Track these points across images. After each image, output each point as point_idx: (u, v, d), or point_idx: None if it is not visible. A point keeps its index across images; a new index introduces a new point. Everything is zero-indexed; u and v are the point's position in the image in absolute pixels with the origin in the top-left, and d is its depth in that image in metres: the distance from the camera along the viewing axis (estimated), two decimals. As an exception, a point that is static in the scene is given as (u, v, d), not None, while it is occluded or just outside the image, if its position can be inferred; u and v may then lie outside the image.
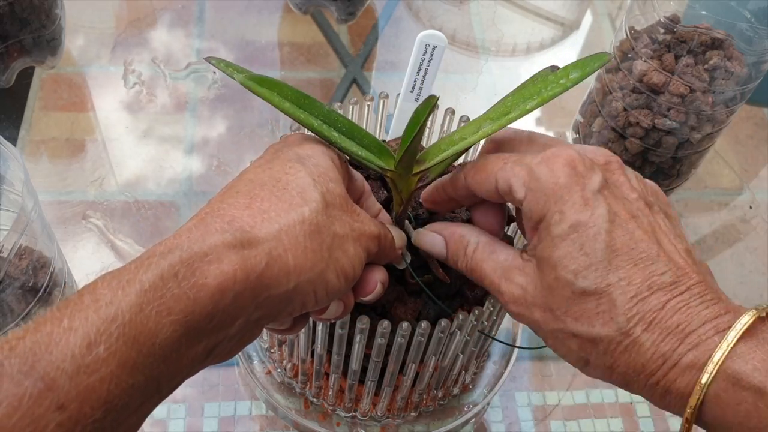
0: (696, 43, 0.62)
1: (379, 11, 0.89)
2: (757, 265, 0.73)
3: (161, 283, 0.27)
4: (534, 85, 0.38)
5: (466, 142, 0.38)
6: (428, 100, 0.34)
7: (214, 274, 0.28)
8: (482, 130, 0.38)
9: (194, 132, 0.76)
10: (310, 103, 0.38)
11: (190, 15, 0.86)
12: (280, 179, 0.33)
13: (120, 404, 0.26)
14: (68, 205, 0.69)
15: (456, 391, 0.56)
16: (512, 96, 0.38)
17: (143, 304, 0.27)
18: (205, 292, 0.28)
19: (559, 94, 0.37)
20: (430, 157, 0.39)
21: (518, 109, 0.37)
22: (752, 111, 0.85)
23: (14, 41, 0.72)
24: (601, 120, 0.68)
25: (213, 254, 0.29)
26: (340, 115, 0.38)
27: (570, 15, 0.93)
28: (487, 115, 0.38)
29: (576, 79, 0.37)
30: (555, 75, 0.37)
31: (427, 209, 0.46)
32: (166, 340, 0.27)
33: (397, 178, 0.39)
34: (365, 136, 0.39)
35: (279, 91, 0.38)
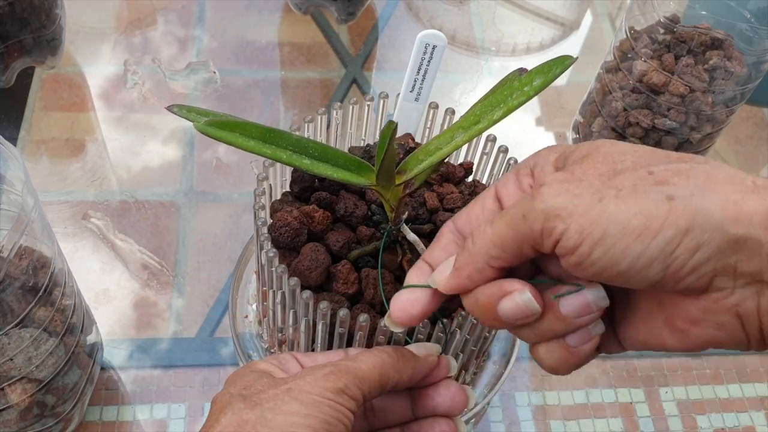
0: (696, 43, 0.62)
1: (379, 11, 0.89)
2: (757, 265, 0.73)
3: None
4: (501, 92, 0.38)
5: (441, 152, 0.39)
6: (388, 125, 0.34)
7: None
8: (455, 140, 0.38)
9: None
10: (277, 135, 0.38)
11: (190, 15, 0.86)
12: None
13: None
14: (68, 205, 0.69)
15: (456, 391, 0.56)
16: (481, 104, 0.39)
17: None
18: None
19: (524, 102, 0.36)
20: (410, 167, 0.39)
21: (486, 119, 0.38)
22: (752, 111, 0.85)
23: (14, 41, 0.72)
24: (601, 120, 0.68)
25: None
26: (311, 140, 0.39)
27: (570, 15, 0.93)
28: (459, 124, 0.39)
29: (539, 86, 0.36)
30: (520, 82, 0.37)
31: (427, 209, 0.46)
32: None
33: (382, 189, 0.39)
34: (340, 157, 0.39)
35: (242, 131, 0.37)
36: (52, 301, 0.49)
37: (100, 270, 0.65)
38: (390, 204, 0.40)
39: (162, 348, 0.61)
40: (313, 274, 0.41)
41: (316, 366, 0.35)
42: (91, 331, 0.56)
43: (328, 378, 0.33)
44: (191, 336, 0.62)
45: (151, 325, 0.62)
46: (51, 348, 0.49)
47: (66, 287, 0.51)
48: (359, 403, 0.34)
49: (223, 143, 0.37)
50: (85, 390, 0.55)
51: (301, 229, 0.43)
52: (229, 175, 0.73)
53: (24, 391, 0.49)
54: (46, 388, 0.50)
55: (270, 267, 0.42)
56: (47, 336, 0.49)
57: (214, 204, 0.71)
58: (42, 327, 0.48)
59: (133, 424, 0.57)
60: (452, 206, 0.46)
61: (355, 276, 0.42)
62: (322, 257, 0.42)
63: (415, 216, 0.46)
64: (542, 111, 0.82)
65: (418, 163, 0.39)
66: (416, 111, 0.51)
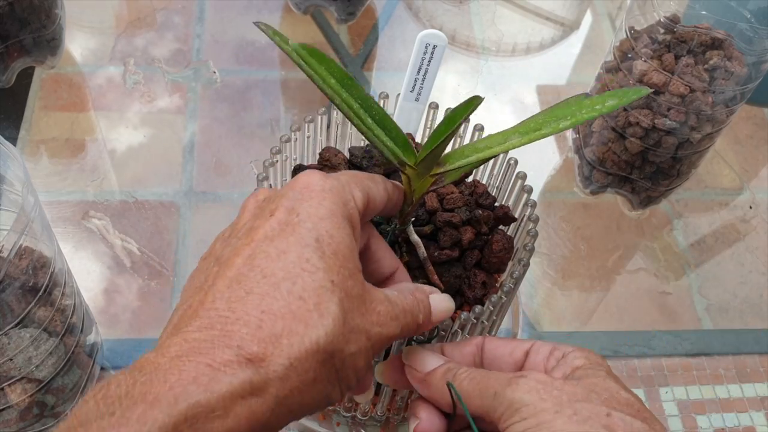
0: (696, 43, 0.62)
1: (379, 11, 0.89)
2: (757, 265, 0.73)
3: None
4: (568, 107, 0.38)
5: (491, 151, 0.38)
6: (472, 100, 0.34)
7: (218, 429, 0.26)
8: (509, 141, 0.38)
9: (194, 132, 0.76)
10: (353, 84, 0.38)
11: (190, 15, 0.86)
12: (296, 280, 0.30)
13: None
14: (68, 205, 0.69)
15: (456, 391, 0.56)
16: (544, 114, 0.38)
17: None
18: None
19: (593, 118, 0.37)
20: (451, 160, 0.39)
21: (550, 126, 0.37)
22: (752, 111, 0.85)
23: (14, 41, 0.72)
24: (601, 120, 0.68)
25: (219, 409, 0.26)
26: (376, 103, 0.39)
27: (570, 15, 0.93)
28: (516, 129, 0.38)
29: (611, 106, 0.37)
30: (591, 100, 0.38)
31: (426, 210, 0.46)
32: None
33: (414, 176, 0.39)
34: (394, 128, 0.39)
35: (327, 66, 0.37)
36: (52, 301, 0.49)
37: (100, 270, 0.65)
38: (414, 196, 0.40)
39: (162, 348, 0.61)
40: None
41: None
42: (91, 331, 0.56)
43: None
44: (191, 336, 0.62)
45: (151, 325, 0.62)
46: (51, 348, 0.49)
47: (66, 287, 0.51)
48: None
49: (305, 72, 0.36)
50: (85, 390, 0.55)
51: (301, 229, 0.43)
52: (229, 175, 0.73)
53: (24, 391, 0.49)
54: (46, 388, 0.50)
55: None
56: (47, 336, 0.49)
57: (214, 204, 0.71)
58: (42, 327, 0.48)
59: (133, 424, 0.57)
60: (452, 206, 0.46)
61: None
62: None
63: (414, 217, 0.46)
64: (542, 111, 0.82)
65: (462, 157, 0.39)
66: (416, 111, 0.51)
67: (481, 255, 0.47)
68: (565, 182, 0.76)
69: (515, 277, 0.45)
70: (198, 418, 0.26)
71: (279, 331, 0.29)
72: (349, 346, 0.31)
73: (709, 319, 0.69)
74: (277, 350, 0.28)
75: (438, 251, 0.45)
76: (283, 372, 0.28)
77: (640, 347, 0.66)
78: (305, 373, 0.29)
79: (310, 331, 0.29)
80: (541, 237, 0.72)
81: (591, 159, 0.71)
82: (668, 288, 0.71)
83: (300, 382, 0.29)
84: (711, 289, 0.71)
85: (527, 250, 0.45)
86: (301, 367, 0.29)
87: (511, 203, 0.50)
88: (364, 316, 0.32)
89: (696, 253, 0.74)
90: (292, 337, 0.29)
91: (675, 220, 0.76)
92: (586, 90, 0.73)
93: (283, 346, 0.28)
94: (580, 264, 0.71)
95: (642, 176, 0.69)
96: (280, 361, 0.28)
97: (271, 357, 0.28)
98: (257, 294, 0.29)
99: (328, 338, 0.29)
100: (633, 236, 0.74)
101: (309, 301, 0.29)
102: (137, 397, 0.26)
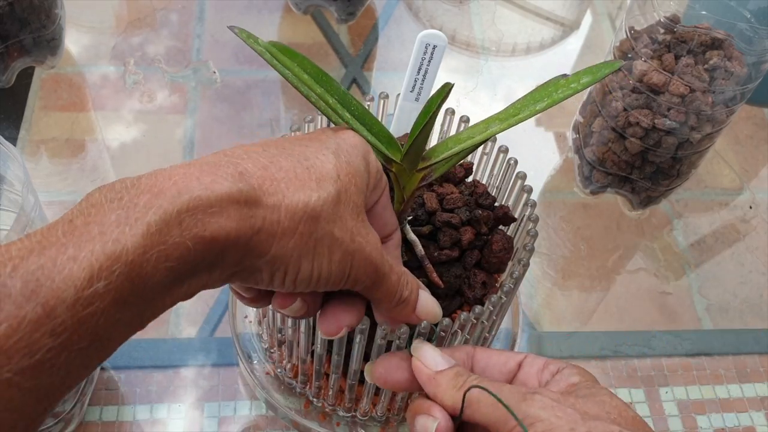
0: (696, 43, 0.62)
1: (379, 11, 0.89)
2: (757, 265, 0.73)
3: (166, 229, 0.28)
4: (545, 89, 0.38)
5: (473, 140, 0.38)
6: (443, 87, 0.34)
7: (213, 227, 0.29)
8: (490, 129, 0.38)
9: (194, 132, 0.76)
10: (328, 80, 0.38)
11: (190, 15, 0.86)
12: (308, 159, 0.33)
13: (105, 335, 0.27)
14: (68, 205, 0.69)
15: (456, 391, 0.56)
16: (522, 99, 0.39)
17: (147, 247, 0.27)
18: (201, 243, 0.29)
19: (569, 96, 0.37)
20: (436, 153, 0.39)
21: (528, 110, 0.38)
22: (752, 111, 0.85)
23: (14, 41, 0.72)
24: (601, 120, 0.68)
25: (216, 206, 0.29)
26: (354, 98, 0.38)
27: (570, 15, 0.93)
28: (497, 116, 0.39)
29: (587, 83, 0.37)
30: (566, 80, 0.38)
31: (426, 211, 0.46)
32: (157, 284, 0.28)
33: (402, 172, 0.39)
34: (375, 124, 0.39)
35: (300, 63, 0.37)
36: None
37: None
38: (404, 193, 0.40)
39: (162, 348, 0.61)
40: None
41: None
42: (91, 331, 0.56)
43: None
44: (191, 336, 0.62)
45: (151, 325, 0.62)
46: (51, 348, 0.49)
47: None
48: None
49: (278, 71, 0.37)
50: (84, 390, 0.55)
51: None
52: (229, 175, 0.73)
53: (24, 391, 0.49)
54: (46, 388, 0.50)
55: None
56: (47, 336, 0.49)
57: (214, 204, 0.71)
58: (42, 327, 0.48)
59: (132, 424, 0.57)
60: (452, 207, 0.46)
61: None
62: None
63: (414, 217, 0.46)
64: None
65: (446, 149, 0.39)
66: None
67: (481, 255, 0.47)
68: (565, 182, 0.76)
69: (515, 277, 0.45)
70: (198, 209, 0.28)
71: (280, 178, 0.32)
72: (334, 227, 0.33)
73: (709, 319, 0.69)
74: (273, 187, 0.31)
75: (438, 251, 0.45)
76: (274, 203, 0.31)
77: (640, 347, 0.66)
78: (291, 216, 0.31)
79: (305, 191, 0.32)
80: (541, 237, 0.72)
81: (591, 159, 0.71)
82: (668, 288, 0.71)
83: (285, 219, 0.31)
84: (711, 289, 0.71)
85: (527, 250, 0.45)
86: (290, 209, 0.31)
87: (511, 203, 0.50)
88: (353, 220, 0.34)
89: (696, 253, 0.74)
90: (289, 186, 0.32)
91: (675, 220, 0.76)
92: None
93: (280, 187, 0.31)
94: (580, 264, 0.71)
95: (642, 176, 0.69)
96: (273, 195, 0.31)
97: (268, 188, 0.31)
98: (271, 154, 0.33)
99: (317, 203, 0.32)
100: (633, 236, 0.74)
101: (313, 173, 0.33)
102: (143, 188, 0.29)
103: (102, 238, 0.27)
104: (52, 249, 0.26)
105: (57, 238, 0.27)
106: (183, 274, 0.29)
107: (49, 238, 0.27)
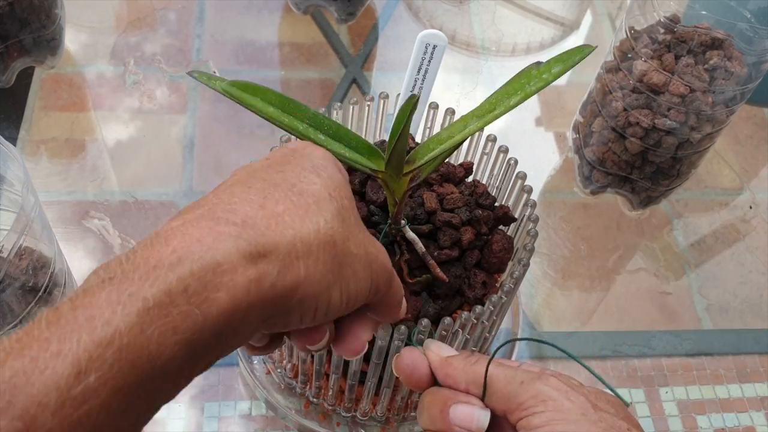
0: (696, 43, 0.62)
1: (379, 11, 0.89)
2: (757, 265, 0.73)
3: (168, 300, 0.24)
4: (518, 81, 0.38)
5: (453, 140, 0.38)
6: (409, 99, 0.34)
7: (227, 286, 0.26)
8: (468, 127, 0.38)
9: (194, 132, 0.76)
10: (296, 107, 0.38)
11: (190, 15, 0.86)
12: (294, 184, 0.31)
13: (110, 431, 0.24)
14: (68, 205, 0.69)
15: (456, 391, 0.56)
16: (497, 93, 0.39)
17: (145, 324, 0.24)
18: (216, 307, 0.25)
19: (542, 88, 0.37)
20: (419, 156, 0.39)
21: (502, 105, 0.37)
22: (752, 111, 0.85)
23: (14, 41, 0.72)
24: (601, 120, 0.68)
25: (226, 264, 0.26)
26: (326, 117, 0.38)
27: (570, 15, 0.93)
28: (474, 113, 0.39)
29: (558, 72, 0.37)
30: (538, 70, 0.38)
31: (425, 211, 0.46)
32: (168, 362, 0.24)
33: (389, 179, 0.39)
34: (353, 138, 0.38)
35: (263, 96, 0.37)
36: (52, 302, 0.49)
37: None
38: (394, 197, 0.40)
39: (162, 348, 0.61)
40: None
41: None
42: (91, 331, 0.56)
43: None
44: (191, 336, 0.62)
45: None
46: (51, 348, 0.49)
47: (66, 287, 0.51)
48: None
49: (244, 106, 0.37)
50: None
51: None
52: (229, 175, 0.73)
53: (24, 391, 0.49)
54: (46, 388, 0.50)
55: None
56: (47, 336, 0.49)
57: (214, 204, 0.71)
58: (42, 327, 0.48)
59: (133, 424, 0.57)
60: (452, 207, 0.46)
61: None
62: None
63: (413, 216, 0.46)
64: (542, 111, 0.82)
65: (428, 152, 0.39)
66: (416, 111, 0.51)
67: (481, 255, 0.47)
68: (565, 182, 0.76)
69: (515, 277, 0.45)
70: (205, 271, 0.25)
71: (281, 212, 0.29)
72: (350, 245, 0.31)
73: (709, 319, 0.69)
74: (279, 225, 0.28)
75: (438, 251, 0.45)
76: (287, 240, 0.28)
77: (640, 347, 0.66)
78: (308, 247, 0.29)
79: (311, 218, 0.29)
80: (541, 237, 0.72)
81: (591, 159, 0.71)
82: (668, 288, 0.71)
83: (304, 253, 0.28)
84: (711, 289, 0.71)
85: (527, 250, 0.45)
86: (305, 240, 0.29)
87: (511, 203, 0.50)
88: (360, 232, 0.32)
89: (696, 253, 0.74)
90: (294, 218, 0.29)
91: (675, 220, 0.76)
92: (586, 90, 0.73)
93: (285, 222, 0.29)
94: (580, 264, 0.71)
95: (642, 176, 0.69)
96: (283, 231, 0.28)
97: (275, 228, 0.28)
98: (258, 188, 0.30)
99: (327, 225, 0.30)
100: (633, 236, 0.74)
101: (308, 198, 0.30)
102: (139, 261, 0.25)
103: (90, 323, 0.23)
104: (33, 347, 0.22)
105: (40, 332, 0.23)
106: (201, 347, 0.25)
107: (31, 333, 0.23)
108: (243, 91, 0.37)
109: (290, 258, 0.28)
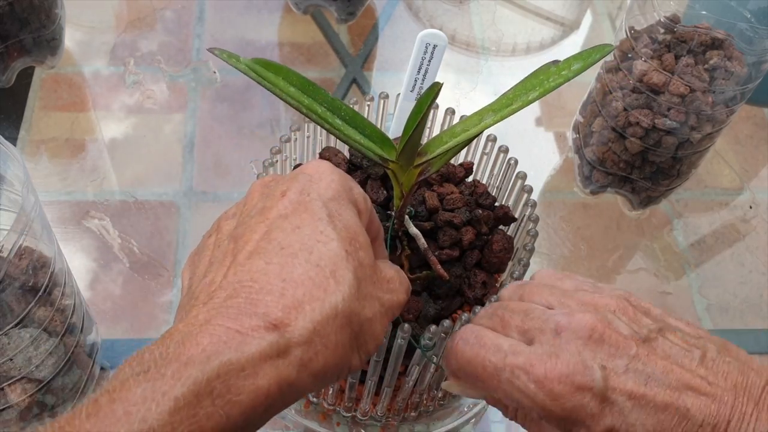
0: (696, 43, 0.62)
1: (379, 11, 0.89)
2: (757, 265, 0.73)
3: (195, 401, 0.26)
4: (536, 77, 0.38)
5: (467, 133, 0.38)
6: (432, 87, 0.34)
7: (248, 390, 0.28)
8: (484, 121, 0.38)
9: (194, 132, 0.76)
10: (315, 90, 0.38)
11: (190, 15, 0.86)
12: (311, 251, 0.31)
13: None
14: (68, 205, 0.69)
15: (456, 391, 0.56)
16: (514, 89, 0.38)
17: (175, 422, 0.26)
18: (237, 408, 0.27)
19: (561, 84, 0.37)
20: (431, 149, 0.39)
21: (520, 100, 0.37)
22: (752, 111, 0.85)
23: (14, 41, 0.72)
24: (601, 120, 0.68)
25: (249, 368, 0.28)
26: (344, 103, 0.38)
27: (570, 15, 0.93)
28: (490, 107, 0.38)
29: (578, 69, 0.37)
30: (557, 67, 0.38)
31: (427, 209, 0.46)
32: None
33: (399, 170, 0.39)
34: (368, 126, 0.38)
35: (285, 76, 0.37)
36: (52, 301, 0.49)
37: (100, 270, 0.65)
38: (402, 189, 0.40)
39: (162, 348, 0.61)
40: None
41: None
42: (91, 331, 0.56)
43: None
44: (191, 336, 0.62)
45: (152, 325, 0.62)
46: (51, 348, 0.49)
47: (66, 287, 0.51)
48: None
49: (265, 87, 0.37)
50: (85, 390, 0.55)
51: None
52: (229, 175, 0.73)
53: (24, 391, 0.49)
54: (46, 388, 0.50)
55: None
56: (47, 336, 0.49)
57: (214, 204, 0.71)
58: (42, 327, 0.48)
59: (133, 424, 0.57)
60: (452, 207, 0.46)
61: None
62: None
63: (414, 213, 0.46)
64: (542, 111, 0.82)
65: (441, 144, 0.39)
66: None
67: (481, 255, 0.47)
68: (565, 182, 0.76)
69: (515, 277, 0.45)
70: (230, 375, 0.27)
71: (300, 298, 0.30)
72: (365, 311, 0.32)
73: (709, 319, 0.69)
74: (300, 316, 0.30)
75: (438, 251, 0.45)
76: (307, 336, 0.30)
77: (640, 347, 0.66)
78: (327, 337, 0.30)
79: (329, 297, 0.31)
80: (541, 237, 0.72)
81: (591, 159, 0.71)
82: (668, 288, 0.71)
83: (323, 345, 0.30)
84: (711, 289, 0.71)
85: (527, 250, 0.45)
86: (323, 330, 0.30)
87: (511, 203, 0.50)
88: (375, 285, 0.33)
89: (696, 253, 0.74)
90: (313, 303, 0.30)
91: (675, 220, 0.76)
92: (586, 90, 0.73)
93: (305, 312, 0.30)
94: (580, 264, 0.71)
95: (642, 176, 0.69)
96: (303, 325, 0.30)
97: (295, 322, 0.30)
98: (277, 264, 0.31)
99: (345, 303, 0.31)
100: (633, 236, 0.74)
101: (326, 268, 0.31)
102: (171, 357, 0.27)
103: (128, 418, 0.25)
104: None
105: (81, 423, 0.25)
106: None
107: (72, 422, 0.25)
108: (266, 69, 0.37)
109: (308, 354, 0.30)
